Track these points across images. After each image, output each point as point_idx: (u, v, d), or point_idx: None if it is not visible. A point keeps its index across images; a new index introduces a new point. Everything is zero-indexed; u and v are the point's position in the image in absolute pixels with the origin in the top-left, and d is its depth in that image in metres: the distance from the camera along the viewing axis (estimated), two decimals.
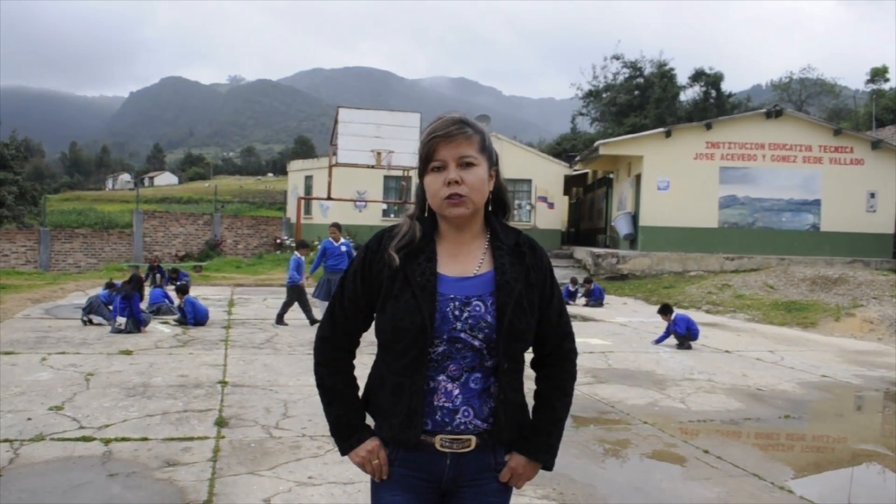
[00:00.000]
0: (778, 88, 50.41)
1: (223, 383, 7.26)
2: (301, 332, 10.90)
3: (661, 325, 11.04)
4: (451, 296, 1.85)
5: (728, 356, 10.00)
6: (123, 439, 5.21)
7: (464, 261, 1.91)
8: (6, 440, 5.10)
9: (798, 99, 48.38)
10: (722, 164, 22.43)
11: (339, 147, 18.91)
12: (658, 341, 10.78)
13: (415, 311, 1.81)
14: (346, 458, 1.99)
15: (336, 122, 19.30)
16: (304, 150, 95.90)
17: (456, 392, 1.84)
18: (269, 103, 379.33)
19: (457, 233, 1.92)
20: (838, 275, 17.10)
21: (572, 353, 2.05)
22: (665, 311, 10.87)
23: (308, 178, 32.75)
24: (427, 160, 1.86)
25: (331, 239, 11.44)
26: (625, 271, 21.62)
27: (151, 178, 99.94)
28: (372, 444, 1.92)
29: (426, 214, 1.94)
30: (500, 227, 1.97)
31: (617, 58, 46.08)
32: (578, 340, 7.92)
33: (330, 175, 20.90)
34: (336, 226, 11.74)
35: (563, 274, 22.13)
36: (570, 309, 15.60)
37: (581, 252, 24.74)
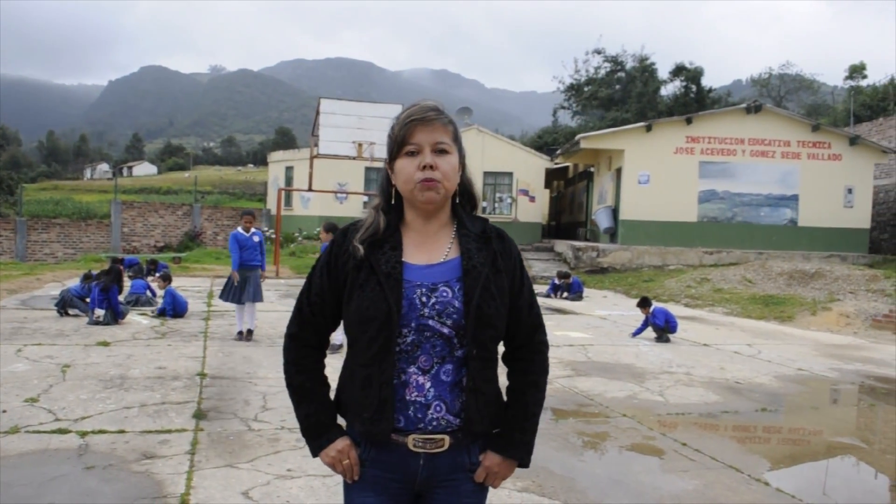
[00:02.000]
0: (757, 84, 50.88)
1: (202, 375, 7.21)
2: (281, 325, 10.85)
3: (641, 318, 11.10)
4: (418, 283, 1.83)
5: (706, 349, 10.08)
6: (100, 432, 5.15)
7: (430, 249, 1.90)
8: None
9: (777, 94, 48.84)
10: (702, 158, 22.59)
11: (321, 138, 18.82)
12: (635, 333, 10.85)
13: (381, 300, 1.78)
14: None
15: (317, 113, 19.20)
16: (286, 141, 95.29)
17: (427, 385, 1.81)
18: (250, 93, 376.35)
19: (424, 222, 1.91)
20: (815, 269, 17.30)
21: (544, 345, 2.02)
22: (644, 304, 10.94)
23: (289, 170, 32.57)
24: (402, 143, 1.85)
25: (240, 229, 9.61)
26: (605, 265, 21.73)
27: (130, 168, 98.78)
28: (342, 443, 1.89)
29: (393, 203, 1.93)
30: (467, 217, 1.97)
31: (599, 52, 46.29)
32: (558, 333, 7.96)
33: (311, 166, 20.78)
34: (249, 213, 9.91)
35: (543, 267, 22.21)
36: (550, 302, 15.66)
37: (561, 245, 24.83)
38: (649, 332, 10.77)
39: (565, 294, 16.71)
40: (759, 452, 5.46)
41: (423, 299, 1.81)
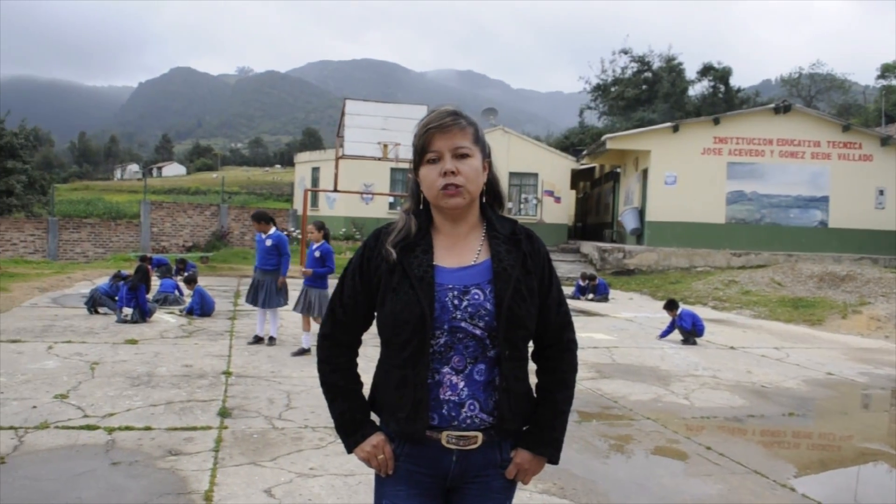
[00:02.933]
0: (787, 84, 50.19)
1: (227, 374, 7.29)
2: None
3: (667, 320, 11.01)
4: (450, 286, 1.86)
5: (733, 353, 9.97)
6: (127, 428, 5.23)
7: (461, 251, 1.93)
8: (11, 427, 5.13)
9: (807, 94, 48.15)
10: (730, 159, 22.35)
11: (346, 139, 18.87)
12: (662, 336, 10.76)
13: (414, 303, 1.82)
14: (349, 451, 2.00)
15: (343, 114, 19.27)
16: (312, 141, 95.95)
17: (461, 385, 1.84)
18: (277, 95, 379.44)
19: (453, 225, 1.94)
20: (846, 272, 17.02)
21: (573, 343, 2.05)
22: (671, 306, 10.84)
23: (315, 170, 32.78)
24: (422, 152, 1.88)
25: (259, 232, 9.38)
26: (631, 266, 21.58)
27: (160, 169, 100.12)
28: (377, 438, 1.93)
29: (421, 207, 1.97)
30: (496, 217, 1.99)
31: (625, 52, 45.97)
32: (583, 335, 7.87)
33: (336, 167, 20.86)
34: (256, 216, 9.47)
35: (568, 269, 22.11)
36: (575, 304, 15.58)
37: (587, 247, 24.70)
38: (676, 335, 10.68)
39: (591, 296, 16.61)
40: (786, 457, 5.39)
41: (455, 302, 1.85)
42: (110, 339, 9.01)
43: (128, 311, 10.47)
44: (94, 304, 11.27)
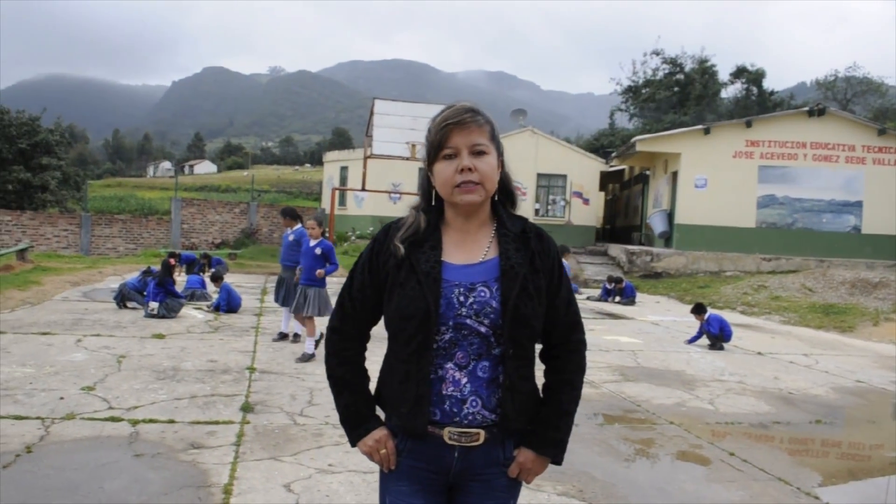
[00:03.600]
0: (822, 87, 49.30)
1: (251, 369, 7.35)
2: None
3: (694, 324, 10.89)
4: (456, 282, 1.85)
5: (760, 358, 9.83)
6: (151, 421, 5.30)
7: (469, 248, 1.92)
8: (38, 418, 5.23)
9: (843, 98, 47.29)
10: (761, 162, 22.03)
11: (375, 139, 18.95)
12: (691, 341, 10.64)
13: (420, 298, 1.82)
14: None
15: (372, 113, 19.35)
16: (342, 141, 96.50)
17: (464, 381, 1.84)
18: (308, 94, 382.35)
19: (464, 221, 1.93)
20: (879, 278, 16.70)
21: (581, 344, 2.03)
22: (698, 310, 10.71)
23: (343, 169, 32.94)
24: (439, 147, 1.87)
25: (286, 228, 9.56)
26: (659, 269, 21.38)
27: (191, 167, 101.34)
28: (380, 433, 1.93)
29: (432, 204, 1.97)
30: (507, 215, 1.98)
31: (657, 53, 45.49)
32: (608, 338, 7.85)
33: (365, 166, 20.96)
34: (284, 212, 9.71)
35: (595, 271, 21.98)
36: (602, 306, 15.48)
37: (615, 249, 24.51)
38: (702, 339, 10.55)
39: (618, 298, 16.49)
40: (812, 466, 5.30)
41: (461, 299, 1.84)
42: (138, 334, 9.14)
43: (154, 305, 10.60)
44: (122, 298, 11.45)
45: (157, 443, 4.82)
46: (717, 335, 10.35)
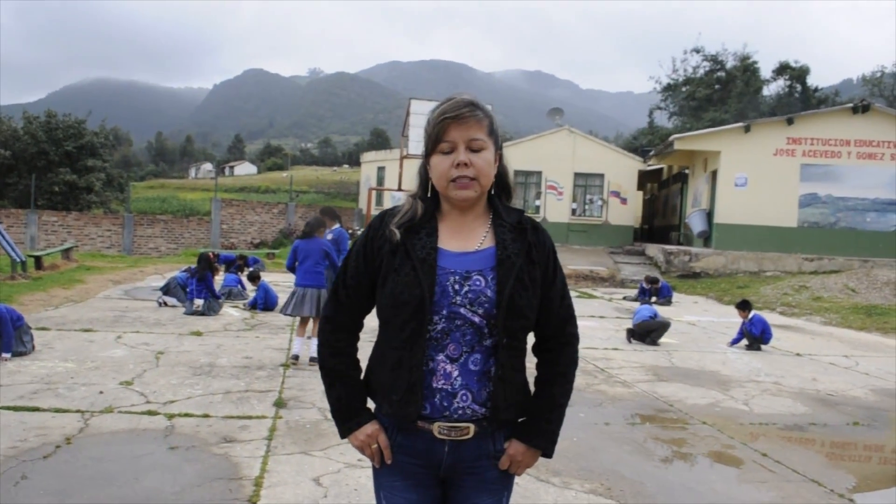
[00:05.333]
0: (868, 83, 48.11)
1: (285, 366, 7.46)
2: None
3: (732, 325, 10.72)
4: (452, 270, 1.84)
5: (799, 359, 9.65)
6: (186, 415, 5.42)
7: (466, 237, 1.91)
8: (78, 411, 5.38)
9: (890, 94, 46.10)
10: (803, 160, 21.62)
11: (411, 138, 19.05)
12: (733, 343, 10.38)
13: (414, 284, 1.81)
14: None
15: (408, 113, 19.46)
16: (380, 141, 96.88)
17: (455, 374, 1.83)
18: (346, 95, 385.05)
19: (460, 213, 1.93)
20: None
21: (574, 337, 2.02)
22: (743, 306, 10.40)
23: (380, 170, 33.18)
24: (436, 141, 1.86)
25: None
26: (697, 269, 21.10)
27: (232, 168, 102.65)
28: (371, 428, 1.92)
29: (429, 195, 1.95)
30: (503, 207, 1.97)
31: (697, 51, 44.89)
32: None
33: (401, 166, 21.08)
34: (326, 212, 9.14)
35: (633, 271, 21.78)
36: (638, 307, 15.34)
37: (653, 249, 24.27)
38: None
39: (654, 299, 16.32)
40: (847, 469, 5.19)
41: (456, 287, 1.83)
42: (176, 331, 9.33)
43: (199, 302, 10.81)
44: (167, 290, 11.75)
45: (192, 436, 4.93)
46: (758, 337, 10.16)
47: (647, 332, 10.12)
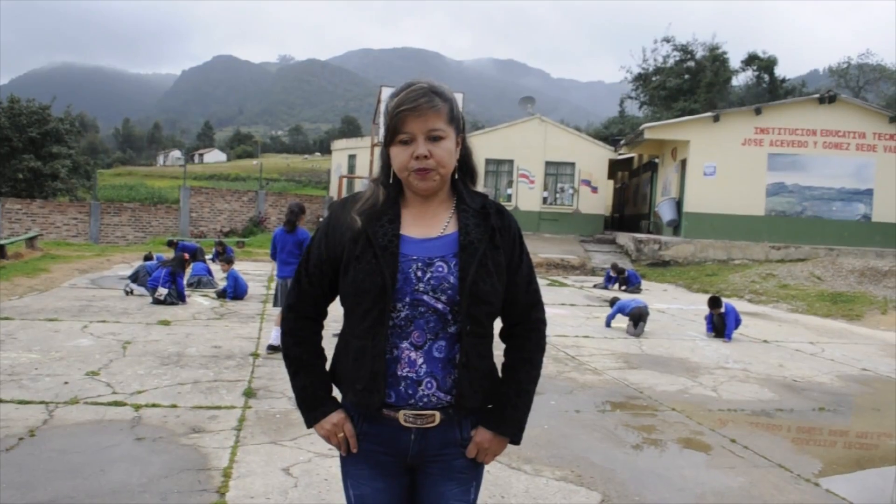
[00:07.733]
0: (835, 74, 48.85)
1: (255, 355, 7.39)
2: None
3: (700, 311, 10.80)
4: (414, 256, 1.82)
5: (766, 346, 9.80)
6: (153, 405, 5.34)
7: (429, 223, 1.88)
8: (42, 402, 5.27)
9: (856, 85, 46.87)
10: (771, 150, 21.89)
11: (382, 126, 18.99)
12: (708, 332, 10.38)
13: (376, 272, 1.78)
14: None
15: (379, 101, 19.37)
16: (351, 129, 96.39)
17: (420, 361, 1.81)
18: (317, 83, 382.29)
19: (423, 200, 1.89)
20: (888, 267, 16.60)
21: (541, 323, 2.00)
22: (714, 304, 10.45)
23: (351, 157, 32.97)
24: (394, 132, 1.81)
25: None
26: (667, 258, 21.31)
27: (201, 155, 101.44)
28: (337, 416, 1.90)
29: (391, 181, 1.90)
30: (467, 192, 1.93)
31: (668, 40, 45.09)
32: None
33: (372, 154, 21.00)
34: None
35: (603, 259, 21.93)
36: (606, 294, 15.45)
37: (623, 237, 24.45)
38: (703, 327, 10.48)
39: (623, 287, 16.46)
40: (813, 453, 5.28)
41: (419, 274, 1.81)
42: (144, 320, 9.20)
43: (162, 290, 10.66)
44: (136, 278, 11.57)
45: (159, 427, 4.86)
46: (734, 327, 10.12)
47: (640, 317, 10.18)
